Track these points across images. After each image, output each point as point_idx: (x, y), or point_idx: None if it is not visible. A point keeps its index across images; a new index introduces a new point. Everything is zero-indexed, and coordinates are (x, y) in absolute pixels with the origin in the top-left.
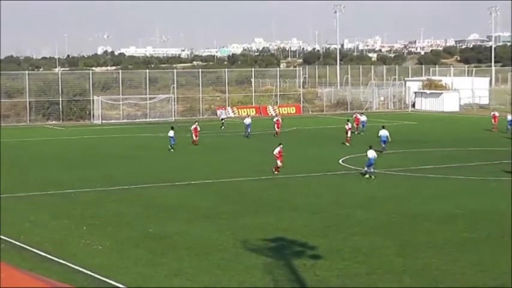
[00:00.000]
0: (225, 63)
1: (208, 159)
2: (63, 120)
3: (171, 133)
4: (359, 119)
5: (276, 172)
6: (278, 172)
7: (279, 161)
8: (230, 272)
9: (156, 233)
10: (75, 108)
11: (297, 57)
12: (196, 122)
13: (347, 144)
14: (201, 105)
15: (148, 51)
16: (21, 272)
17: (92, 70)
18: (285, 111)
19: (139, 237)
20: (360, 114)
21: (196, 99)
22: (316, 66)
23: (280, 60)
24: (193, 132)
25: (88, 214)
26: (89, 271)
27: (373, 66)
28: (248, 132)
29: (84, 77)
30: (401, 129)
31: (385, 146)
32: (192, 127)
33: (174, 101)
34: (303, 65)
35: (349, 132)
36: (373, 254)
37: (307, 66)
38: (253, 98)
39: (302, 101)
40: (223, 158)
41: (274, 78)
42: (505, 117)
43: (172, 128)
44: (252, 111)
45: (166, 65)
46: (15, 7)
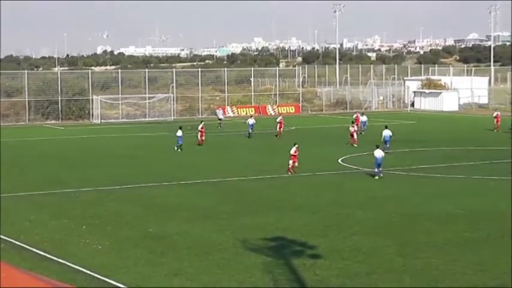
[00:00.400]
0: (225, 63)
1: (208, 158)
2: (62, 119)
3: (179, 133)
4: (360, 118)
5: (289, 173)
6: (291, 173)
7: (292, 161)
8: (230, 271)
9: (156, 233)
10: (74, 108)
11: (296, 56)
12: (202, 122)
13: (355, 145)
14: (200, 105)
15: (147, 51)
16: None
17: (91, 70)
18: (284, 110)
19: (139, 236)
20: (361, 114)
21: (195, 99)
22: (316, 65)
23: (280, 60)
24: (199, 132)
25: (88, 214)
26: (89, 271)
27: (372, 65)
28: (250, 133)
29: (83, 77)
30: (400, 128)
31: (388, 146)
32: (199, 127)
33: (173, 101)
34: (302, 64)
35: (354, 134)
36: (373, 253)
37: (306, 65)
38: (253, 97)
39: (301, 100)
40: (223, 157)
41: (274, 77)
42: (510, 117)
43: (180, 128)
44: (251, 111)
45: (166, 65)
46: (15, 7)
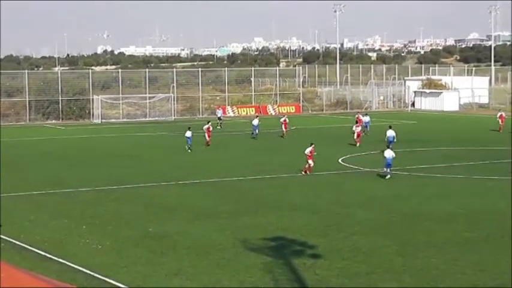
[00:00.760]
0: (225, 63)
1: (208, 158)
2: (62, 119)
3: (188, 133)
4: (361, 119)
5: (303, 173)
6: (305, 173)
7: (310, 160)
8: (230, 271)
9: (156, 233)
10: (74, 108)
11: (297, 56)
12: (208, 122)
13: (357, 145)
14: (200, 105)
15: (148, 51)
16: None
17: (92, 69)
18: (284, 110)
19: (139, 236)
20: (363, 115)
21: (196, 99)
22: (316, 65)
23: (280, 60)
24: (206, 133)
25: (88, 213)
26: (89, 270)
27: (372, 65)
28: (256, 133)
29: (83, 76)
30: (401, 128)
31: (392, 146)
32: (205, 127)
33: (173, 100)
34: (302, 64)
35: (359, 135)
36: (373, 253)
37: (306, 65)
38: (253, 97)
39: (302, 100)
40: (223, 157)
41: (274, 77)
42: (510, 117)
43: (189, 128)
44: (251, 111)
45: (166, 65)
46: (15, 7)
